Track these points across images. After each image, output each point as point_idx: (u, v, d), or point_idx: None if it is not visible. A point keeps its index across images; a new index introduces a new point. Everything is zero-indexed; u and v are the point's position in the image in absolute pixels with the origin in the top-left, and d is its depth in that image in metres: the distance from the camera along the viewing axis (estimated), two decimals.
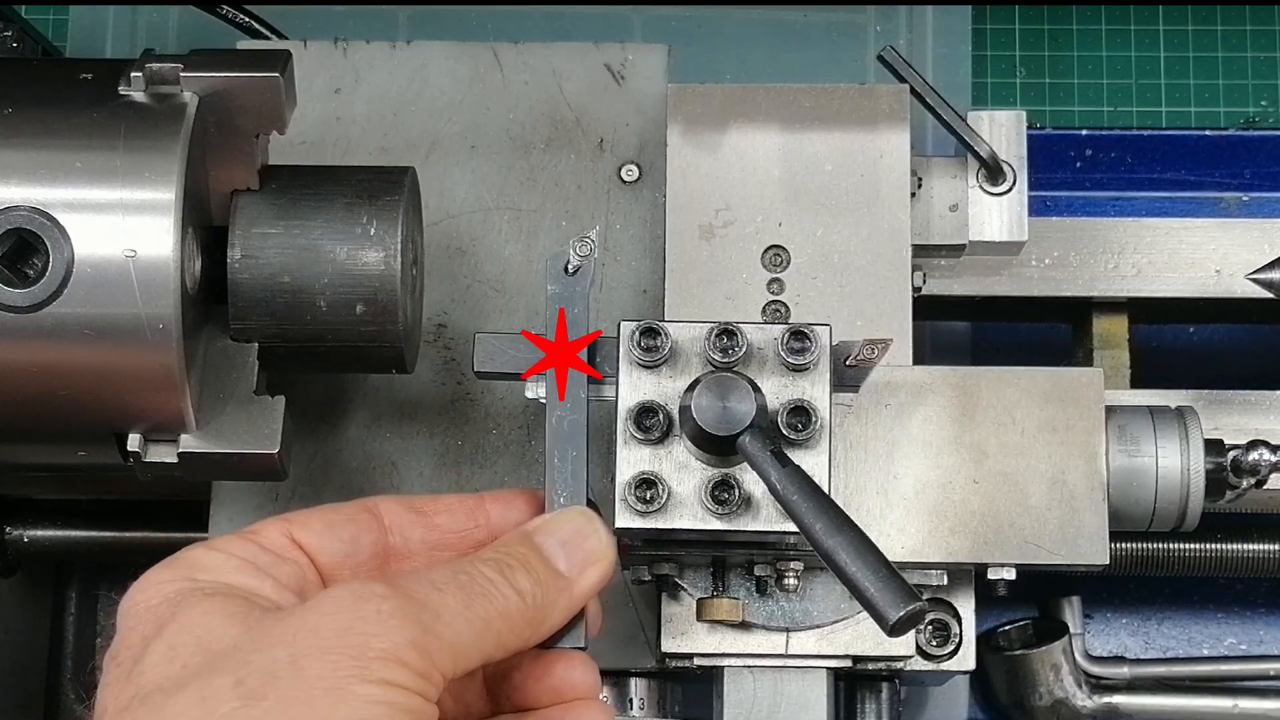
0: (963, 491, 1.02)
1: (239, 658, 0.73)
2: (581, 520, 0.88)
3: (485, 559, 0.82)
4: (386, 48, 1.18)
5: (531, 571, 0.83)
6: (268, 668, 0.73)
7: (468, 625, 0.78)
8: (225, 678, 0.72)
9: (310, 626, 0.74)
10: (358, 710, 0.72)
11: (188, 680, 0.73)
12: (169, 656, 0.75)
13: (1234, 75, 1.50)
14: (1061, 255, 1.23)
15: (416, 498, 0.89)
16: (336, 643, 0.73)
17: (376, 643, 0.74)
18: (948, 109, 1.11)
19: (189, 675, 0.73)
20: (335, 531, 0.85)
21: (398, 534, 0.87)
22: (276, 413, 0.98)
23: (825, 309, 1.07)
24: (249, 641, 0.74)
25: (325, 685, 0.72)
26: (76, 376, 0.93)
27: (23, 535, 1.29)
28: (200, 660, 0.74)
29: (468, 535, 0.88)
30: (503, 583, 0.81)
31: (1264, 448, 1.06)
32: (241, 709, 0.71)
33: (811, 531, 0.86)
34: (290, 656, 0.73)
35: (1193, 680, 1.36)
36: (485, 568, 0.81)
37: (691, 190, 1.10)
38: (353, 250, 0.97)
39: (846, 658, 1.06)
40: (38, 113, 0.94)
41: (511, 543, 0.85)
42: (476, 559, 0.82)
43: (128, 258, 0.91)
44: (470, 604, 0.79)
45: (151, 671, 0.74)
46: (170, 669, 0.74)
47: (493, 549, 0.84)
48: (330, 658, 0.73)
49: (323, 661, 0.73)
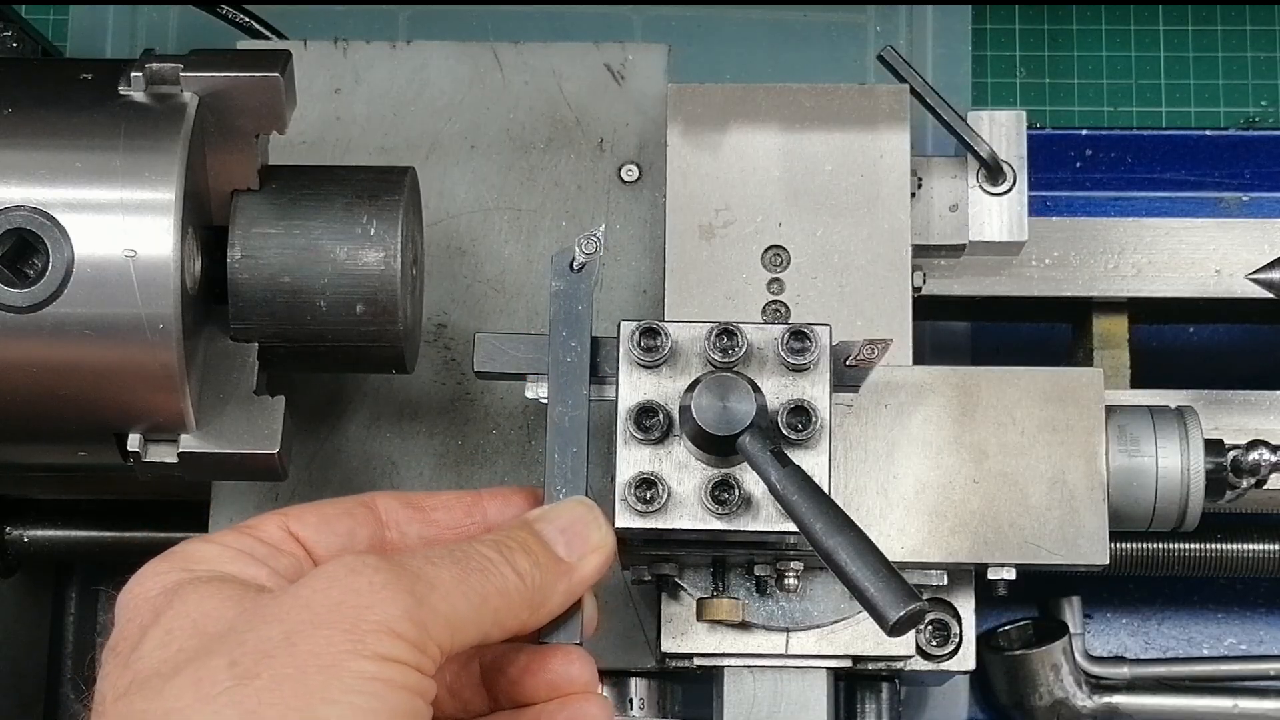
0: (963, 491, 1.02)
1: (234, 638, 0.73)
2: (582, 509, 0.88)
3: (484, 541, 0.82)
4: (386, 48, 1.18)
5: (531, 554, 0.83)
6: (261, 646, 0.73)
7: (464, 599, 0.78)
8: (220, 659, 0.72)
9: (303, 602, 0.74)
10: (351, 687, 0.72)
11: (183, 664, 0.73)
12: (165, 642, 0.75)
13: (1234, 75, 1.50)
14: (1061, 255, 1.23)
15: (414, 494, 0.89)
16: (329, 617, 0.73)
17: (370, 614, 0.74)
18: (948, 109, 1.11)
19: (184, 659, 0.74)
20: (331, 525, 0.85)
21: (395, 529, 0.87)
22: (276, 413, 0.98)
23: (825, 309, 1.07)
24: (244, 621, 0.74)
25: (319, 663, 0.72)
26: (76, 376, 0.93)
27: (23, 535, 1.29)
28: (196, 643, 0.74)
29: (465, 531, 0.88)
30: (501, 562, 0.81)
31: (1264, 448, 1.06)
32: (235, 688, 0.71)
33: (811, 531, 0.86)
34: (284, 634, 0.73)
35: (1193, 680, 1.36)
36: (484, 547, 0.81)
37: (691, 190, 1.10)
38: (353, 250, 0.97)
39: (846, 658, 1.06)
40: (38, 113, 0.94)
41: (511, 528, 0.85)
42: (475, 540, 0.82)
43: (128, 258, 0.91)
44: (466, 578, 0.79)
45: (148, 657, 0.75)
46: (166, 653, 0.74)
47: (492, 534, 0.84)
48: (323, 633, 0.73)
49: (316, 637, 0.73)
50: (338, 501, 0.87)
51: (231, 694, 0.71)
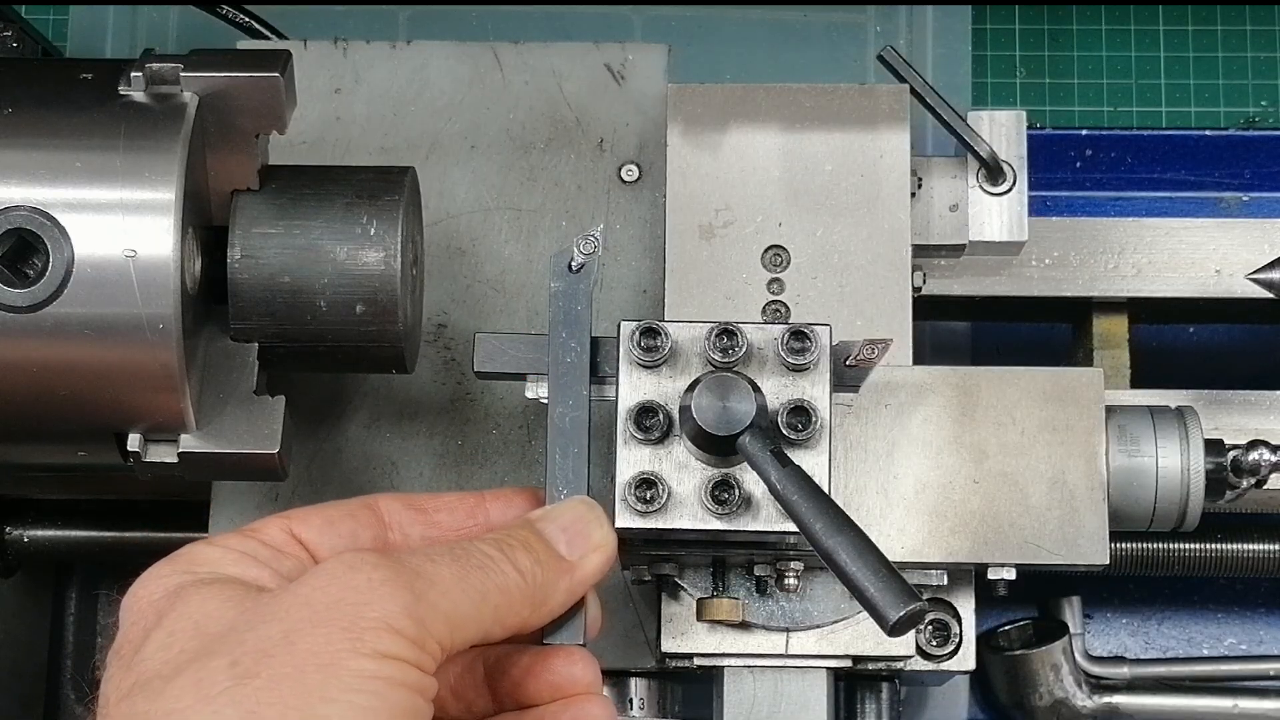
0: (963, 491, 1.02)
1: (234, 638, 0.74)
2: (584, 508, 0.88)
3: (485, 539, 0.82)
4: (386, 48, 1.18)
5: (532, 551, 0.83)
6: (261, 646, 0.73)
7: (464, 595, 0.78)
8: (220, 659, 0.73)
9: (302, 600, 0.74)
10: (350, 685, 0.72)
11: (184, 665, 0.73)
12: (167, 643, 0.75)
13: (1234, 75, 1.50)
14: (1061, 255, 1.23)
15: (416, 495, 0.89)
16: (328, 615, 0.73)
17: (368, 611, 0.74)
18: (948, 109, 1.11)
19: (185, 660, 0.74)
20: (335, 527, 0.85)
21: (397, 531, 0.87)
22: (276, 413, 0.98)
23: (825, 309, 1.07)
24: (244, 621, 0.75)
25: (318, 661, 0.72)
26: (76, 376, 0.93)
27: (23, 535, 1.29)
28: (197, 644, 0.74)
29: (467, 533, 0.88)
30: (502, 559, 0.81)
31: (1264, 448, 1.06)
32: (234, 688, 0.71)
33: (811, 531, 0.86)
34: (283, 632, 0.73)
35: (1193, 680, 1.36)
36: (485, 545, 0.81)
37: (691, 190, 1.10)
38: (353, 250, 0.97)
39: (846, 658, 1.06)
40: (38, 113, 0.94)
41: (512, 526, 0.85)
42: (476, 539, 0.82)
43: (128, 258, 0.91)
44: (467, 575, 0.79)
45: (150, 659, 0.75)
46: (168, 655, 0.75)
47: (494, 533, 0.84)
48: (322, 631, 0.73)
49: (315, 635, 0.73)
50: (341, 504, 0.87)
51: (231, 694, 0.71)
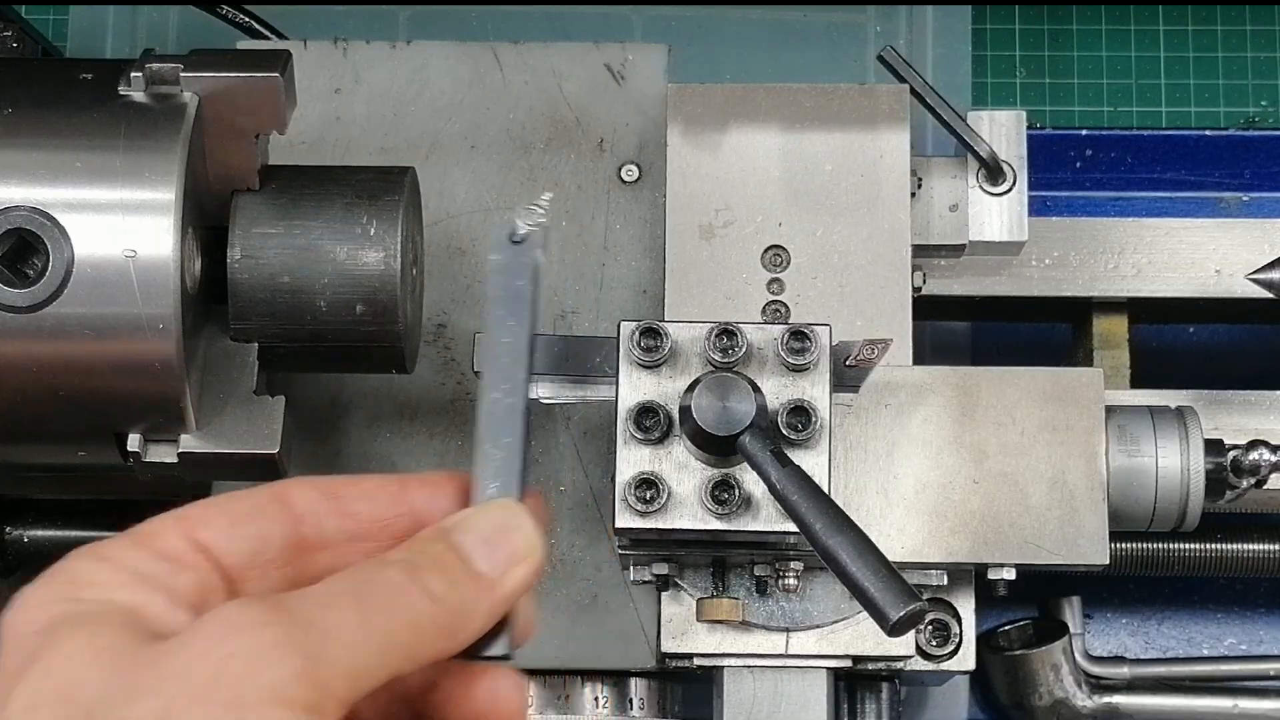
0: (963, 491, 1.02)
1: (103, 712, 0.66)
2: (505, 514, 0.77)
3: (393, 561, 0.73)
4: (386, 48, 1.18)
5: (447, 572, 0.73)
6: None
7: (366, 642, 0.69)
8: None
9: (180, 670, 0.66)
10: None
11: None
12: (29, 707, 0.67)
13: (1234, 75, 1.50)
14: (1061, 255, 1.23)
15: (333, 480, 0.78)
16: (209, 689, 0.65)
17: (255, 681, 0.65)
18: (948, 109, 1.11)
19: None
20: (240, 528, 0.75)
21: (311, 525, 0.77)
22: (276, 413, 0.98)
23: (825, 309, 1.07)
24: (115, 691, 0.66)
25: None
26: (76, 376, 0.93)
27: (23, 535, 1.29)
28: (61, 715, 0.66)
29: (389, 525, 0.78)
30: (410, 587, 0.72)
31: (1264, 448, 1.06)
32: None
33: (811, 531, 0.86)
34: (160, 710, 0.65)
35: (1193, 680, 1.36)
36: (391, 571, 0.72)
37: (691, 190, 1.10)
38: (353, 250, 0.97)
39: (846, 658, 1.06)
40: (38, 113, 0.94)
41: (425, 540, 0.75)
42: (383, 561, 0.73)
43: (128, 258, 0.91)
44: (369, 618, 0.70)
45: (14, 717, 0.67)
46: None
47: (404, 549, 0.74)
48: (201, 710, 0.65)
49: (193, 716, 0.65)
50: (248, 495, 0.77)
51: None
